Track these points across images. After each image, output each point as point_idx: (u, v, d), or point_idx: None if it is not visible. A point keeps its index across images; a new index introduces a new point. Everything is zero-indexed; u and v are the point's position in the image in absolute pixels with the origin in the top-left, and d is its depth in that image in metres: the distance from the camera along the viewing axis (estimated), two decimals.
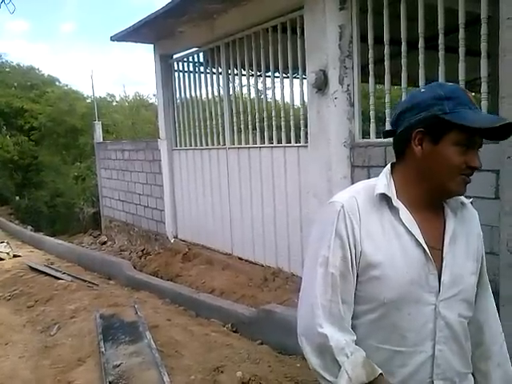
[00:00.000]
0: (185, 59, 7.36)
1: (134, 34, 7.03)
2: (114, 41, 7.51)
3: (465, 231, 1.28)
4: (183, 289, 5.62)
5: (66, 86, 20.07)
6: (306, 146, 5.03)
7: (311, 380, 3.14)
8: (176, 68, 7.58)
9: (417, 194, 1.23)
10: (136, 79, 44.79)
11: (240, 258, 6.29)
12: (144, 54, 17.83)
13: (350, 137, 4.59)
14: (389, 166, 1.30)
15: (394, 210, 1.21)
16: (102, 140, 10.81)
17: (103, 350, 3.73)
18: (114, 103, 20.58)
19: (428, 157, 1.19)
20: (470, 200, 1.33)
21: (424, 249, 1.19)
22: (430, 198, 1.24)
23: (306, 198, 5.02)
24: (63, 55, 56.37)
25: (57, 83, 20.15)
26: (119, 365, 3.49)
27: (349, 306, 1.21)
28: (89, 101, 17.43)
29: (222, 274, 5.97)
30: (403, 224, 1.20)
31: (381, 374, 1.13)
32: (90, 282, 6.14)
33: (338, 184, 4.46)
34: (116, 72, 47.09)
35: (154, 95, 9.57)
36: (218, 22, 5.98)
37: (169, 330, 4.20)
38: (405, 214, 1.21)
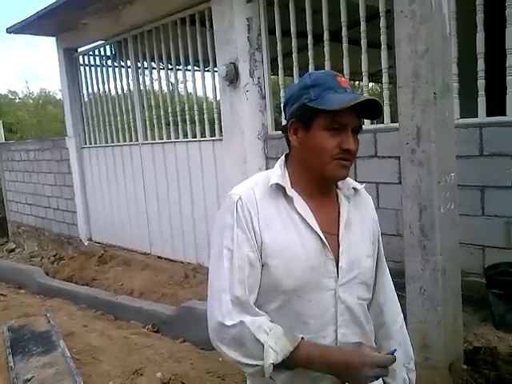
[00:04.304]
0: (91, 53, 7.02)
1: (32, 25, 6.59)
2: (10, 33, 7.00)
3: (359, 216, 1.31)
4: (100, 292, 5.42)
5: None
6: (221, 140, 5.01)
7: (233, 373, 3.15)
8: (82, 62, 7.22)
9: (307, 182, 1.24)
10: (41, 74, 42.18)
11: (159, 257, 6.16)
12: (48, 48, 16.84)
13: (263, 129, 4.64)
14: (283, 157, 1.31)
15: (289, 199, 1.22)
16: (4, 140, 10.19)
17: (12, 364, 3.48)
18: (17, 100, 19.27)
19: (303, 145, 1.21)
20: (363, 185, 1.36)
21: (320, 236, 1.21)
22: (317, 185, 1.25)
23: (223, 192, 5.00)
24: None
25: None
26: (30, 378, 3.26)
27: (255, 295, 1.21)
28: None
29: (140, 274, 5.81)
30: (298, 212, 1.21)
31: (302, 338, 1.13)
32: None
33: None
34: (18, 67, 44.00)
35: (61, 90, 9.08)
36: (124, 13, 5.76)
37: (85, 336, 4.02)
38: (299, 202, 1.22)
